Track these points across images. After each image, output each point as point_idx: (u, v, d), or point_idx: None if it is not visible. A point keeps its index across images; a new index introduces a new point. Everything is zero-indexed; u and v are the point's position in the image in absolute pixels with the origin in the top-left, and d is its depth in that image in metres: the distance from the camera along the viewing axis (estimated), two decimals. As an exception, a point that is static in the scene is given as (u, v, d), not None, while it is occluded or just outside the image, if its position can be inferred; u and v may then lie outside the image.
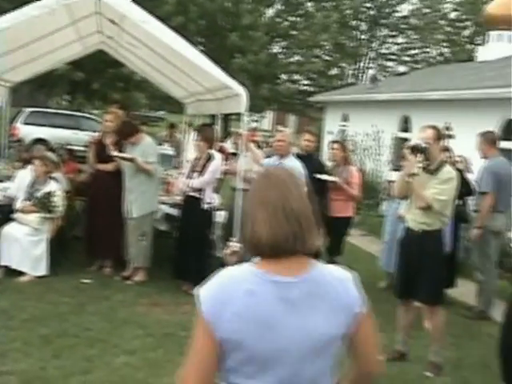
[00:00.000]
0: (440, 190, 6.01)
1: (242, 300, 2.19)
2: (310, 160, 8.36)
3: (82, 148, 12.08)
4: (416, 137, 6.19)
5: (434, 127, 6.24)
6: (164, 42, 7.73)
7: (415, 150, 6.04)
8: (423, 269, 6.08)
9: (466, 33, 37.70)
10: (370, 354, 2.46)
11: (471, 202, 8.91)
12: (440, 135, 6.25)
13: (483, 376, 6.13)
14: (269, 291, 2.21)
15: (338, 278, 2.34)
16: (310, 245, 2.28)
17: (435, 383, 5.98)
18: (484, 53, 20.98)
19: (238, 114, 8.32)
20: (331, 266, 2.39)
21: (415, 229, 6.17)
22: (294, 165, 7.81)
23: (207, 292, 2.24)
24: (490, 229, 8.25)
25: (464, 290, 8.84)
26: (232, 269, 2.31)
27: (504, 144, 13.04)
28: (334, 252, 8.87)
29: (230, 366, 2.24)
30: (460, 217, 8.59)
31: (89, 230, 8.77)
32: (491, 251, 8.36)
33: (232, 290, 2.21)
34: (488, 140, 8.51)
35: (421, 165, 6.06)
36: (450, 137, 12.45)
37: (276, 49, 30.39)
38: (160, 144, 13.95)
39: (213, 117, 13.46)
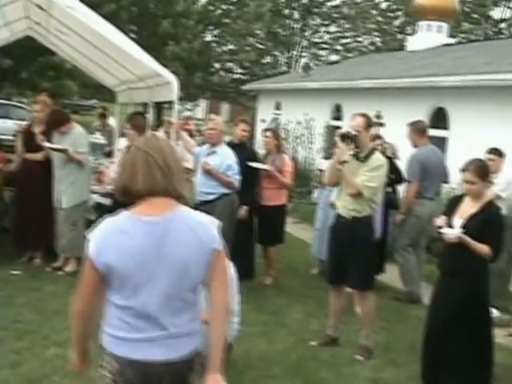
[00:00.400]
0: (370, 177, 6.11)
1: (118, 237, 2.82)
2: (243, 148, 8.37)
3: (10, 137, 11.81)
4: (347, 125, 6.27)
5: (364, 115, 6.32)
6: (93, 29, 7.62)
7: (345, 137, 6.12)
8: (354, 255, 6.17)
9: (397, 23, 38.21)
10: (222, 287, 3.01)
11: (401, 188, 9.09)
12: (370, 123, 6.35)
13: (411, 357, 6.25)
14: (139, 229, 2.83)
15: (199, 219, 2.94)
16: (177, 192, 2.91)
17: (365, 366, 6.09)
18: (414, 42, 21.36)
19: (171, 103, 8.28)
20: (196, 212, 2.98)
21: (345, 215, 6.25)
22: (226, 153, 7.83)
23: (92, 235, 2.87)
24: (417, 214, 8.46)
25: (393, 275, 9.01)
26: (112, 217, 2.91)
27: (433, 132, 13.34)
28: (273, 241, 8.93)
29: (112, 290, 2.89)
30: (390, 203, 8.77)
31: (18, 220, 8.61)
32: (414, 235, 8.59)
33: (110, 230, 2.85)
34: (418, 129, 8.73)
35: (351, 152, 6.15)
36: (380, 125, 12.68)
37: (209, 37, 30.26)
38: (92, 133, 13.77)
39: (145, 105, 13.35)
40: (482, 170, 5.39)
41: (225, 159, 7.75)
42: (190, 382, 2.99)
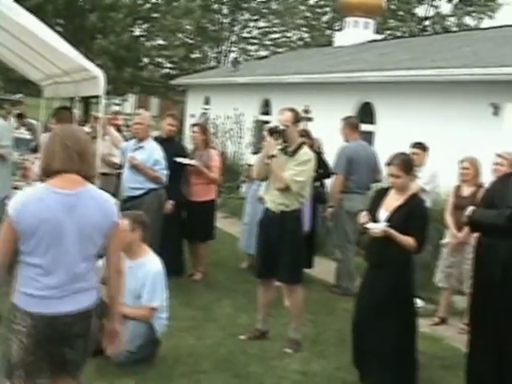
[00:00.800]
0: (298, 171, 6.14)
1: (36, 204, 3.37)
2: (171, 143, 8.33)
3: None
4: (275, 119, 6.30)
5: (292, 110, 6.36)
6: (17, 22, 7.43)
7: (273, 132, 6.14)
8: (283, 249, 6.20)
9: (325, 18, 38.58)
10: (117, 253, 3.69)
11: (329, 183, 9.18)
12: (298, 118, 6.38)
13: (339, 349, 6.35)
14: (54, 198, 3.40)
15: (104, 196, 3.60)
16: (88, 172, 3.54)
17: (294, 359, 6.13)
18: (341, 38, 21.61)
19: (98, 97, 8.16)
20: (101, 191, 3.64)
21: (274, 209, 6.27)
22: (153, 148, 7.77)
23: (13, 200, 3.43)
24: (347, 209, 8.54)
25: (322, 268, 9.12)
26: (31, 187, 3.70)
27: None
28: (202, 236, 8.89)
29: (26, 250, 3.41)
30: (318, 198, 8.85)
31: None
32: (349, 230, 8.66)
33: (30, 197, 3.42)
34: (350, 124, 8.86)
35: (279, 146, 6.18)
36: (308, 119, 12.78)
37: (138, 32, 29.91)
38: (17, 128, 13.47)
39: (72, 100, 13.13)
40: (406, 164, 5.49)
41: (152, 154, 7.70)
42: (91, 327, 3.61)
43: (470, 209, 5.26)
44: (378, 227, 5.36)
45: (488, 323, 4.98)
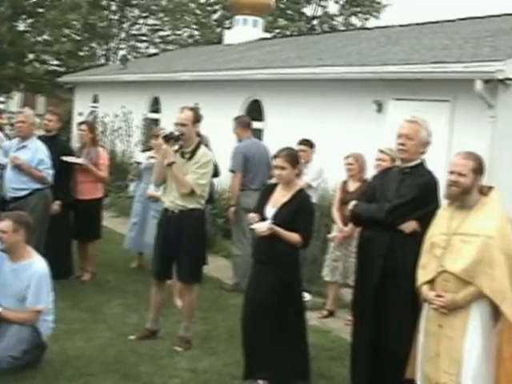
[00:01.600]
0: (200, 174, 6.20)
1: None
2: (56, 142, 8.15)
3: None
4: (175, 117, 6.24)
5: (193, 109, 6.37)
6: None
7: (169, 139, 6.11)
8: (182, 248, 6.20)
9: (215, 16, 38.62)
10: None
11: (216, 181, 9.21)
12: (198, 117, 6.36)
13: (229, 345, 6.40)
14: None
15: None
16: None
17: (184, 357, 6.13)
18: (231, 36, 21.68)
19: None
20: None
21: (174, 210, 6.25)
22: (37, 147, 7.59)
23: None
24: (243, 206, 8.60)
25: (212, 266, 9.13)
26: None
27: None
28: (89, 235, 8.75)
29: None
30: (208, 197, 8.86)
31: None
32: (245, 227, 8.72)
33: None
34: (242, 123, 9.04)
35: (177, 153, 6.17)
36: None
37: (22, 27, 29.01)
38: None
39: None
40: (291, 157, 5.58)
41: (36, 153, 7.51)
42: None
43: (353, 203, 5.40)
44: (263, 226, 5.42)
45: (369, 313, 5.12)
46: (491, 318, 4.38)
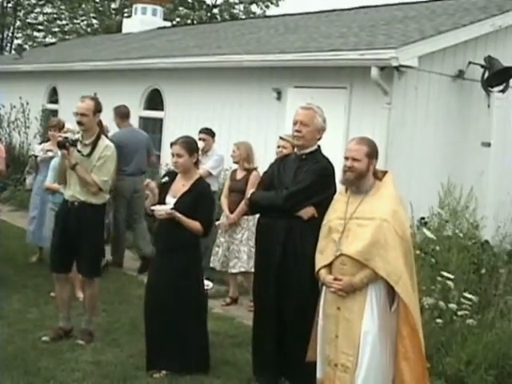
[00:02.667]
0: (105, 171, 6.14)
1: None
2: None
3: None
4: (76, 107, 6.10)
5: (94, 99, 6.26)
6: None
7: (63, 145, 5.98)
8: (82, 241, 6.09)
9: (114, 5, 38.00)
10: None
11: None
12: (99, 107, 6.24)
13: (132, 337, 6.36)
14: None
15: None
16: None
17: (87, 350, 6.04)
18: (130, 25, 21.41)
19: None
20: None
21: (75, 203, 6.13)
22: None
23: None
24: (119, 190, 8.92)
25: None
26: None
27: (150, 113, 13.59)
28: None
29: None
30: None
31: None
32: (123, 211, 9.24)
33: None
34: (120, 113, 9.40)
35: (77, 154, 6.05)
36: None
37: None
38: None
39: None
40: (188, 144, 5.60)
41: None
42: None
43: (251, 191, 5.46)
44: (163, 209, 5.43)
45: (270, 299, 5.20)
46: (387, 299, 4.50)
